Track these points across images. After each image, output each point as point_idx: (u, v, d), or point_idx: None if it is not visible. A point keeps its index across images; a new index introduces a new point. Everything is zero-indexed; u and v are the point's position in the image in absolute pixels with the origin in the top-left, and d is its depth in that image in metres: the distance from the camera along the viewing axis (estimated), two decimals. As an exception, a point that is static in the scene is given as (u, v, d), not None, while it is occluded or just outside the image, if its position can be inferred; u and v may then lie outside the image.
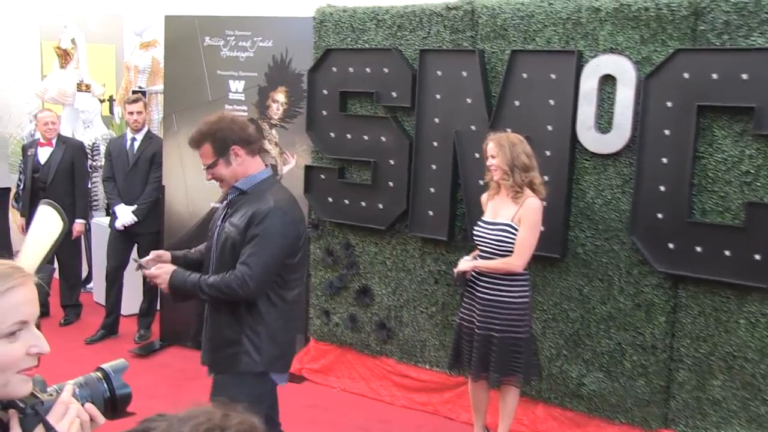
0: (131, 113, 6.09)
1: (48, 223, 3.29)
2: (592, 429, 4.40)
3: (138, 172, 6.09)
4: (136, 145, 6.13)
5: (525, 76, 4.40)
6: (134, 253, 5.80)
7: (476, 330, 4.05)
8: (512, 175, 3.96)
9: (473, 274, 4.09)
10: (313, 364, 5.46)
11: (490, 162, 4.04)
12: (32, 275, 1.39)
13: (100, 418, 1.43)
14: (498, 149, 3.98)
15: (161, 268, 3.13)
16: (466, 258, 4.20)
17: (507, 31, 4.48)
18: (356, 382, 5.30)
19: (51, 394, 1.41)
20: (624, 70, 4.08)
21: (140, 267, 3.19)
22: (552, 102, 4.32)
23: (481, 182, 4.38)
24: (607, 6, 4.13)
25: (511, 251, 3.98)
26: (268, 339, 3.10)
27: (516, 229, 3.97)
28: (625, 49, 4.09)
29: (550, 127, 4.33)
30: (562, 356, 4.45)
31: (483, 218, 4.14)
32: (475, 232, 4.15)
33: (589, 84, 4.20)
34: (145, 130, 6.22)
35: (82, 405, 1.42)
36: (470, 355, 4.11)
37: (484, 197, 4.23)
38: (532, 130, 4.33)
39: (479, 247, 4.13)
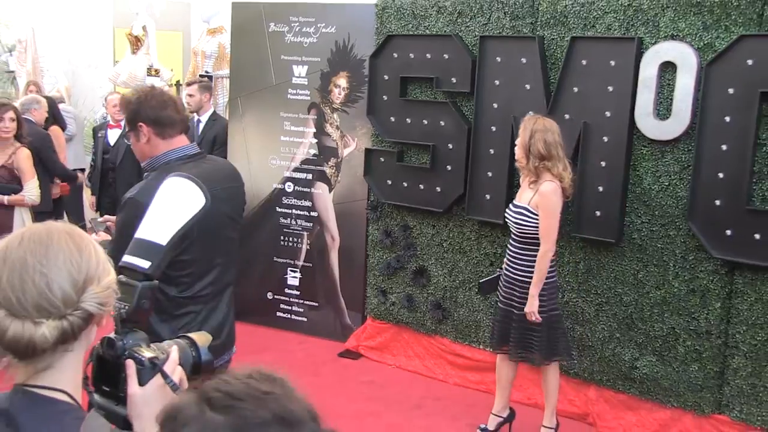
0: (187, 95, 6.26)
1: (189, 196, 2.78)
2: (644, 412, 4.40)
3: None
4: (201, 126, 6.23)
5: (584, 62, 4.37)
6: (93, 216, 5.60)
7: (499, 305, 4.16)
8: (527, 159, 3.96)
9: (508, 253, 4.14)
10: (370, 342, 5.56)
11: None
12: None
13: (185, 383, 1.50)
14: (522, 130, 4.00)
15: (101, 236, 3.00)
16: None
17: (567, 17, 4.47)
18: (411, 359, 5.37)
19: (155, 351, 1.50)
20: (685, 56, 4.04)
21: (92, 230, 3.07)
22: (611, 89, 4.29)
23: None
24: (669, -8, 4.08)
25: (528, 235, 4.00)
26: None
27: (532, 213, 3.97)
28: (687, 36, 4.04)
29: (608, 114, 4.32)
30: (615, 339, 4.45)
31: (514, 200, 4.19)
32: (505, 213, 4.20)
33: (648, 71, 4.16)
34: (210, 111, 6.33)
35: None
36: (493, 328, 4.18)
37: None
38: (591, 117, 4.35)
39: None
